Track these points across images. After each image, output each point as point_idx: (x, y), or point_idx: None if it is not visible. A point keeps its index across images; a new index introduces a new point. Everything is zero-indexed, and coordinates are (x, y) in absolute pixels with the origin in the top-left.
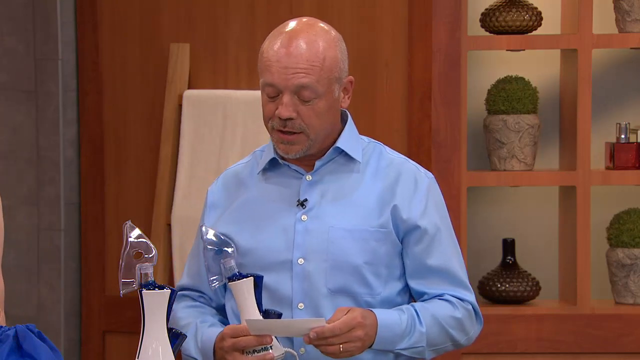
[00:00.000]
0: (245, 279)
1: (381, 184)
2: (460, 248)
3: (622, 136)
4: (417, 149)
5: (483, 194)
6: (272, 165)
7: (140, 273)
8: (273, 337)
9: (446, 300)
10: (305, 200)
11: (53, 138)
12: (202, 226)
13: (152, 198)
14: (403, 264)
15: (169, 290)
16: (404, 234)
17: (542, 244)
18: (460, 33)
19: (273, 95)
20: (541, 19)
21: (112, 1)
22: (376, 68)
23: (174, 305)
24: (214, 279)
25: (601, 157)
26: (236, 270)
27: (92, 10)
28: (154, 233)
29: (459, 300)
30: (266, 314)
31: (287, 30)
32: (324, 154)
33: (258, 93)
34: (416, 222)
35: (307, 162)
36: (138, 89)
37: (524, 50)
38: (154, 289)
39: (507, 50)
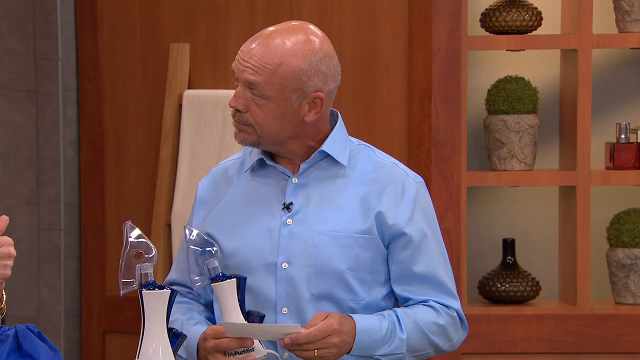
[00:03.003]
0: (228, 280)
1: (367, 189)
2: (460, 248)
3: (622, 136)
4: (417, 149)
5: (483, 194)
6: (260, 165)
7: (140, 273)
8: (255, 339)
9: (430, 306)
10: (291, 203)
11: (53, 138)
12: (185, 225)
13: (152, 198)
14: (388, 269)
15: (169, 290)
16: (390, 240)
17: (542, 244)
18: (460, 33)
19: (236, 83)
20: (541, 19)
21: (112, 1)
22: (376, 68)
23: None
24: (197, 280)
25: (601, 157)
26: (219, 271)
27: (92, 10)
28: (154, 233)
29: (443, 307)
30: (249, 315)
31: (270, 28)
32: (309, 157)
33: None
34: (402, 228)
35: (294, 163)
36: (138, 89)
37: (524, 50)
38: (154, 289)
39: (507, 50)
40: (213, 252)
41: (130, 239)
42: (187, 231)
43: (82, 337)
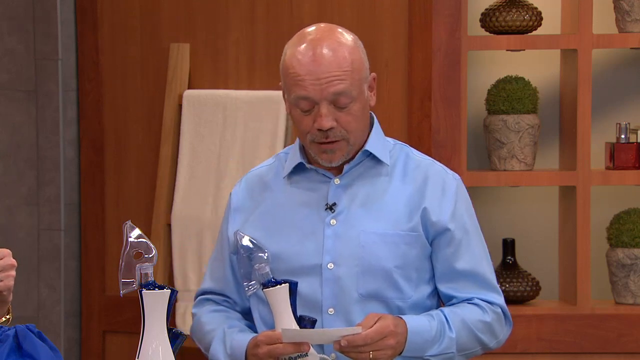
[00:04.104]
0: (280, 286)
1: (410, 187)
2: None
3: (622, 136)
4: (417, 149)
5: (483, 194)
6: (299, 169)
7: (140, 273)
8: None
9: (475, 304)
10: (334, 204)
11: (53, 138)
12: (236, 231)
13: (152, 198)
14: (432, 267)
15: (169, 290)
16: (434, 237)
17: (542, 244)
18: (460, 33)
19: (307, 108)
20: (541, 19)
21: (112, 1)
22: (376, 68)
23: (196, 310)
24: (250, 285)
25: (601, 157)
26: (271, 277)
27: (92, 10)
28: (154, 233)
29: (488, 304)
30: (301, 320)
31: (308, 40)
32: (353, 158)
33: (258, 93)
34: (446, 224)
35: (341, 163)
36: (138, 89)
37: (524, 50)
38: (154, 289)
39: (507, 50)
40: (264, 257)
41: (130, 239)
42: (237, 237)
43: (82, 337)
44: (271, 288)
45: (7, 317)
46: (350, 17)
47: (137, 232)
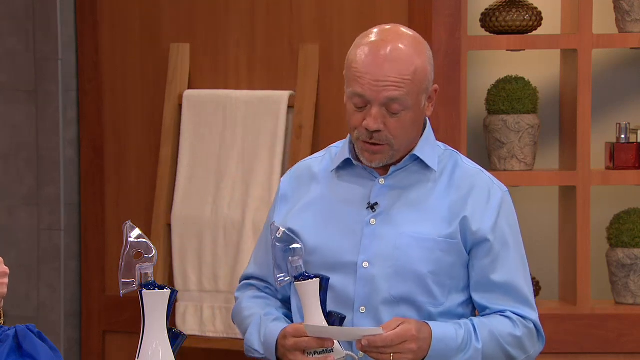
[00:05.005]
0: (311, 280)
1: (454, 195)
2: None
3: (622, 136)
4: None
5: None
6: (347, 164)
7: (140, 273)
8: (335, 340)
9: (507, 317)
10: (376, 203)
11: (53, 138)
12: (272, 222)
13: (152, 198)
14: (468, 275)
15: (169, 290)
16: (472, 246)
17: (542, 244)
18: (460, 33)
19: (361, 105)
20: (541, 19)
21: (112, 1)
22: None
23: (239, 294)
24: (281, 277)
25: (601, 157)
26: (303, 270)
27: (92, 10)
28: (154, 233)
29: (520, 318)
30: (330, 315)
31: (377, 40)
32: (400, 160)
33: (258, 93)
34: (485, 235)
35: (383, 165)
36: (138, 89)
37: (524, 50)
38: (154, 289)
39: (507, 50)
40: (298, 249)
41: (130, 239)
42: (273, 227)
43: (82, 337)
44: (302, 282)
45: (0, 321)
46: (350, 17)
47: (137, 232)
